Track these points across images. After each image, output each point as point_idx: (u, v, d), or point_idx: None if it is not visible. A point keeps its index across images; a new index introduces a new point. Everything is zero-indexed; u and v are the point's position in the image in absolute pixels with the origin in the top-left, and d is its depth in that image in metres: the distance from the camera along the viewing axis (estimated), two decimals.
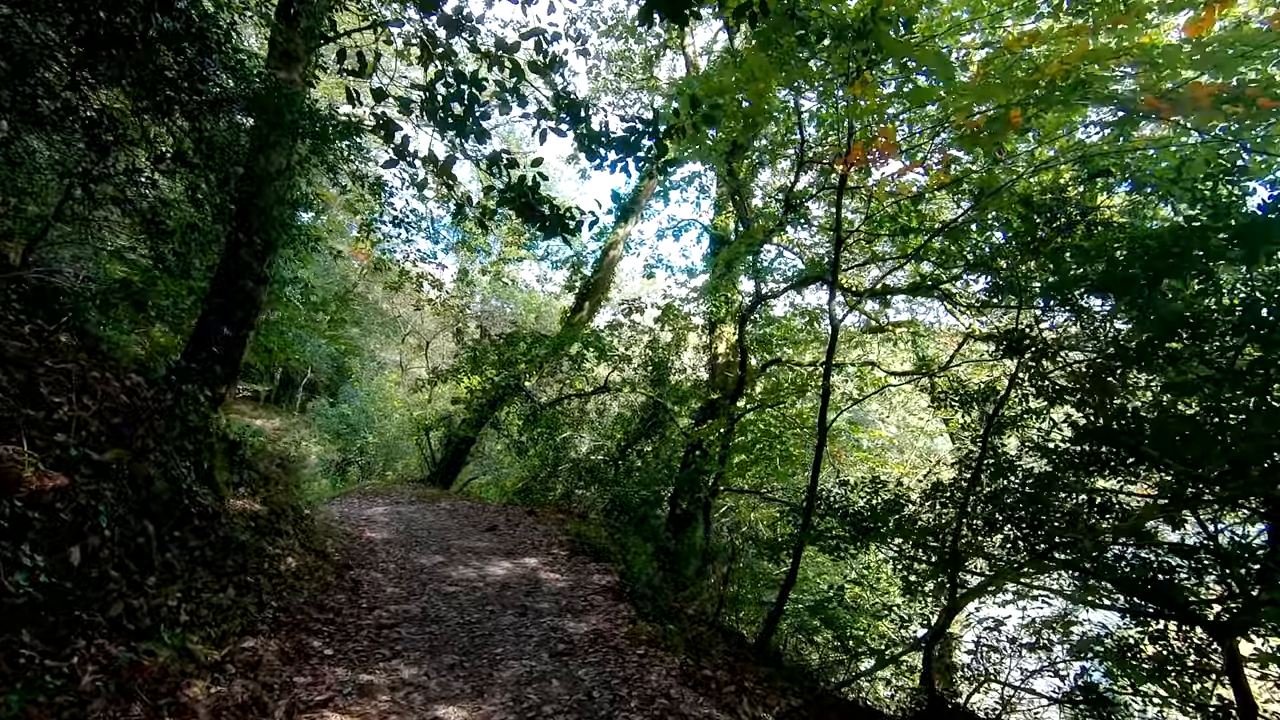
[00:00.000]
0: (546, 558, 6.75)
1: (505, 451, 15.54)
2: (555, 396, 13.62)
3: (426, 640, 4.25)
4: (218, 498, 4.70)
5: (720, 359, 12.62)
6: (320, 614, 4.49)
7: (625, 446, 13.42)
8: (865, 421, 14.92)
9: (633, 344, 12.94)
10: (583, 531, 8.05)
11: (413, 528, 8.64)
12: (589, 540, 7.64)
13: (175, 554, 3.41)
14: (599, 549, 7.23)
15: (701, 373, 14.83)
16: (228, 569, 3.86)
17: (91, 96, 5.49)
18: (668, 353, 13.64)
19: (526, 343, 11.22)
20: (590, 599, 5.11)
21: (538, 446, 12.78)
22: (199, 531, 3.79)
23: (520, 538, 7.86)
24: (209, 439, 4.79)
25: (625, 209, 13.94)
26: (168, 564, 3.32)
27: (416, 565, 6.44)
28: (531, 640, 4.20)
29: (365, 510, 10.24)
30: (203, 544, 3.76)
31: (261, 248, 6.71)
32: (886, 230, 7.53)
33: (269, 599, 4.13)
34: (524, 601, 5.11)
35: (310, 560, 5.53)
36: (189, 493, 3.74)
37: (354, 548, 7.13)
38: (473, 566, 6.36)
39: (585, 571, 6.15)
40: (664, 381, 13.68)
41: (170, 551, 3.38)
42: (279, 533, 5.56)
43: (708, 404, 12.44)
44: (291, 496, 6.68)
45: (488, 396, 12.52)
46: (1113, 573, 4.81)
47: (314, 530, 6.44)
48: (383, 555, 6.90)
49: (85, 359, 4.15)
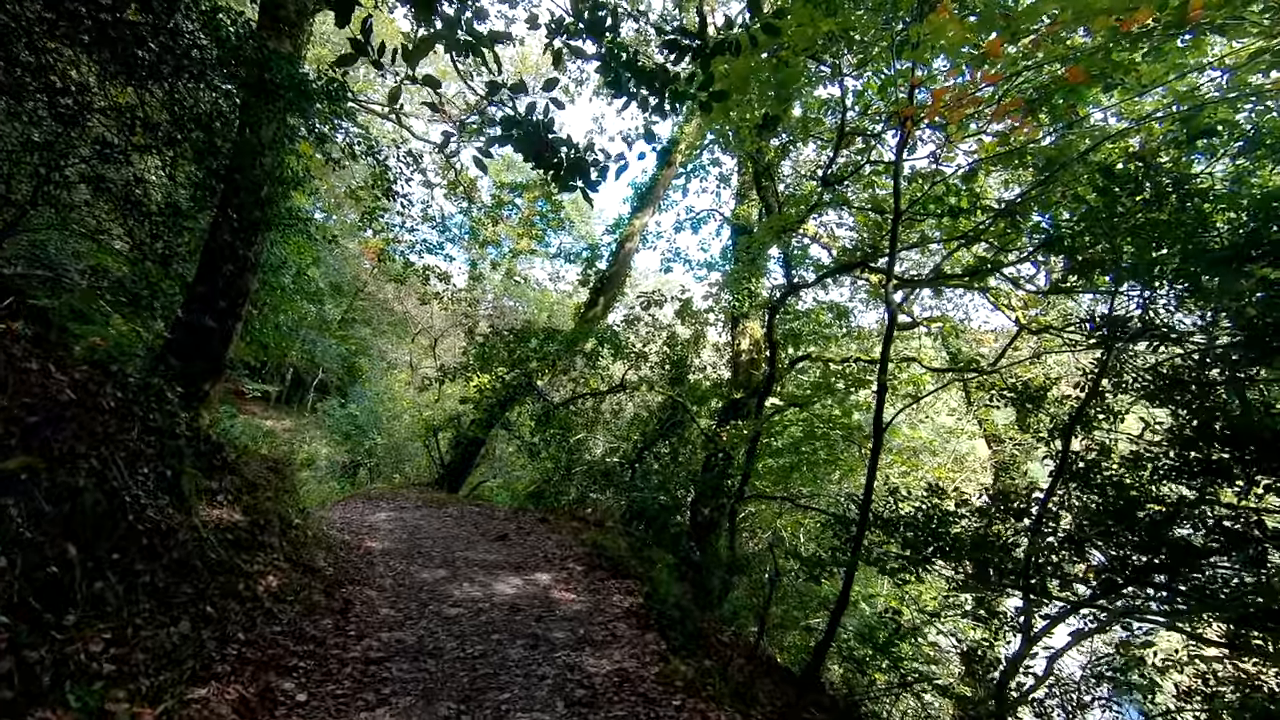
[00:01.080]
0: (561, 573, 6.08)
1: (517, 454, 14.94)
2: (569, 396, 12.97)
3: (420, 681, 3.59)
4: (183, 509, 4.08)
5: (743, 356, 11.89)
6: (299, 645, 3.86)
7: (642, 449, 12.74)
8: (893, 423, 14.09)
9: (650, 340, 12.26)
10: (600, 541, 7.38)
11: (417, 536, 8.03)
12: (607, 551, 6.96)
13: (110, 583, 2.78)
14: (618, 562, 6.55)
15: (723, 371, 14.11)
16: (181, 597, 3.23)
17: (55, 61, 4.93)
18: (687, 350, 12.95)
19: (538, 339, 10.59)
20: (612, 626, 4.43)
21: (550, 448, 12.12)
22: (147, 552, 3.17)
23: (532, 548, 7.20)
24: (176, 441, 4.18)
25: (642, 198, 13.27)
26: (97, 597, 2.69)
27: (417, 581, 5.80)
28: (544, 683, 3.53)
29: (368, 516, 9.65)
30: (151, 567, 3.14)
31: (249, 231, 6.12)
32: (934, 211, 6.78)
33: (236, 630, 3.49)
34: (535, 629, 4.44)
35: (296, 578, 4.90)
36: (134, 506, 3.11)
37: (350, 560, 6.51)
38: (479, 583, 5.70)
39: (605, 590, 5.47)
40: (683, 380, 12.98)
41: (103, 580, 2.75)
42: (261, 546, 4.94)
43: (730, 403, 11.73)
44: (281, 504, 6.07)
45: (498, 396, 11.91)
46: (1230, 600, 4.04)
47: (305, 541, 5.82)
48: (381, 568, 6.27)
49: (25, 349, 3.55)
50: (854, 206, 6.95)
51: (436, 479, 12.99)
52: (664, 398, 12.74)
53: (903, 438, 11.14)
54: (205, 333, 5.89)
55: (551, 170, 2.47)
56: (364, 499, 11.51)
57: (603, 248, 13.33)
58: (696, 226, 14.70)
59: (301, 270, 7.82)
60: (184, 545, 3.51)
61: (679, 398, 11.92)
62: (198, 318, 5.86)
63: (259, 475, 6.34)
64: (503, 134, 2.36)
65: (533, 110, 2.29)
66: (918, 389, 10.64)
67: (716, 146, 13.23)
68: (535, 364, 11.84)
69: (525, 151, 2.31)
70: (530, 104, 2.29)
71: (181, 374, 5.79)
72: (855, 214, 8.96)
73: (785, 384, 9.91)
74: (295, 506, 6.74)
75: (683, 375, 13.05)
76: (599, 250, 13.37)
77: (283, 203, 6.37)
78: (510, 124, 2.37)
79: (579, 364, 12.22)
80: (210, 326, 5.89)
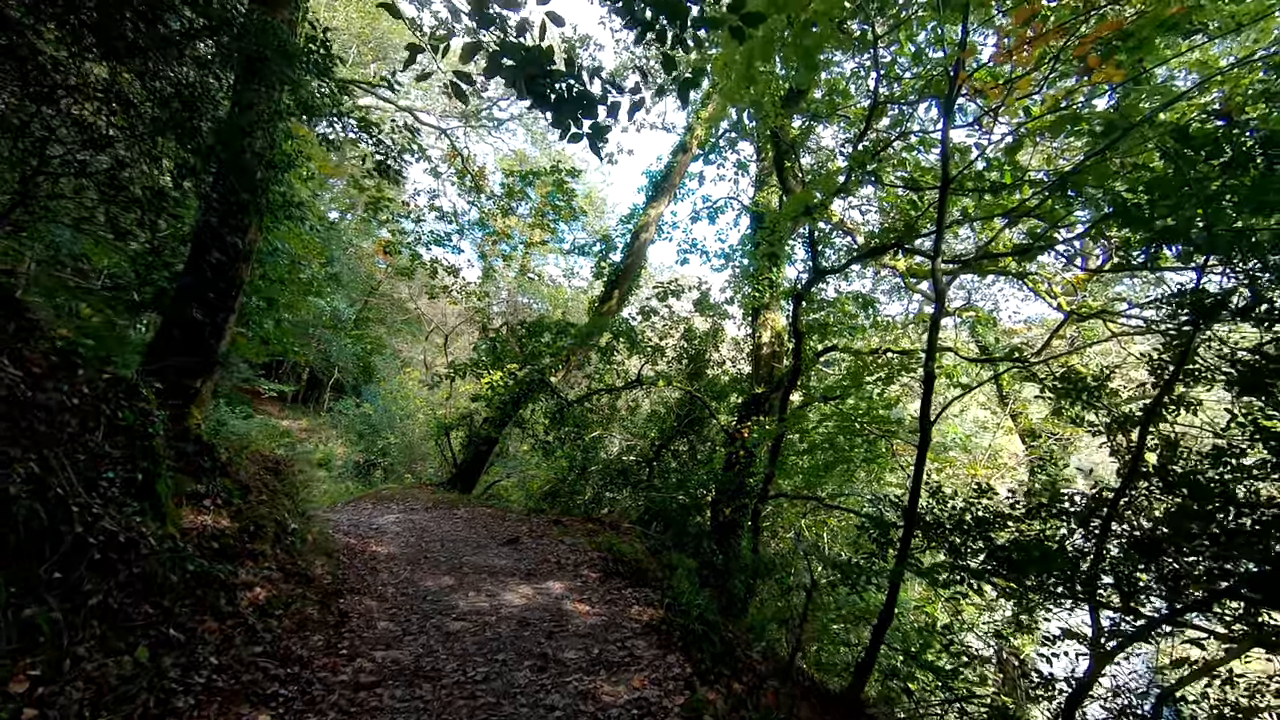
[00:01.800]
0: (575, 581, 5.65)
1: (531, 452, 14.58)
2: (583, 393, 12.55)
3: (413, 711, 3.17)
4: (157, 516, 3.71)
5: (765, 349, 11.37)
6: (282, 668, 3.46)
7: (660, 446, 12.29)
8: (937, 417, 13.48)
9: (667, 334, 11.79)
10: (616, 546, 6.94)
11: (424, 539, 7.66)
12: (624, 557, 6.52)
13: (46, 608, 2.39)
14: (636, 568, 6.11)
15: (742, 365, 13.60)
16: (140, 619, 2.84)
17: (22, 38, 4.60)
18: (705, 343, 12.46)
19: (551, 332, 10.16)
20: (631, 645, 3.98)
21: (565, 447, 11.72)
22: (100, 569, 2.78)
23: (544, 553, 6.79)
24: (149, 441, 3.81)
25: (657, 187, 12.79)
26: (29, 625, 2.30)
27: (420, 590, 5.41)
28: (553, 715, 3.09)
29: (376, 518, 9.32)
30: (104, 586, 2.75)
31: (240, 217, 5.76)
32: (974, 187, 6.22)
33: (207, 653, 3.10)
34: (545, 647, 4.00)
35: (287, 589, 4.53)
36: (84, 516, 2.72)
37: (353, 566, 6.14)
38: (486, 592, 5.29)
39: (622, 601, 5.03)
40: (701, 375, 12.51)
41: (37, 605, 2.36)
42: (250, 555, 4.58)
43: (751, 399, 11.22)
44: (278, 507, 5.71)
45: (510, 393, 11.52)
46: None
47: (301, 549, 5.46)
48: (384, 575, 5.89)
49: None
50: (886, 183, 6.41)
51: (449, 479, 12.65)
52: (682, 393, 12.28)
53: (936, 433, 10.56)
54: (195, 326, 5.54)
55: (550, 108, 2.02)
56: (374, 499, 11.21)
57: (617, 239, 12.87)
58: (714, 216, 14.20)
59: (297, 260, 7.47)
60: (149, 559, 3.12)
61: (697, 393, 11.44)
62: (187, 310, 5.51)
63: (255, 477, 5.99)
64: (490, 63, 1.91)
65: (525, 30, 1.84)
66: (951, 381, 10.06)
67: (735, 128, 12.71)
68: (548, 360, 11.43)
69: (516, 81, 1.87)
70: (521, 21, 1.84)
71: (168, 369, 5.45)
72: (886, 194, 8.41)
73: (810, 378, 9.38)
74: (295, 510, 6.39)
75: (701, 370, 12.57)
76: (613, 242, 12.91)
77: (275, 187, 6.00)
78: (502, 52, 1.92)
79: (594, 359, 11.79)
80: (200, 320, 5.54)
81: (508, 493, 14.43)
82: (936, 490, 5.41)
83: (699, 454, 12.31)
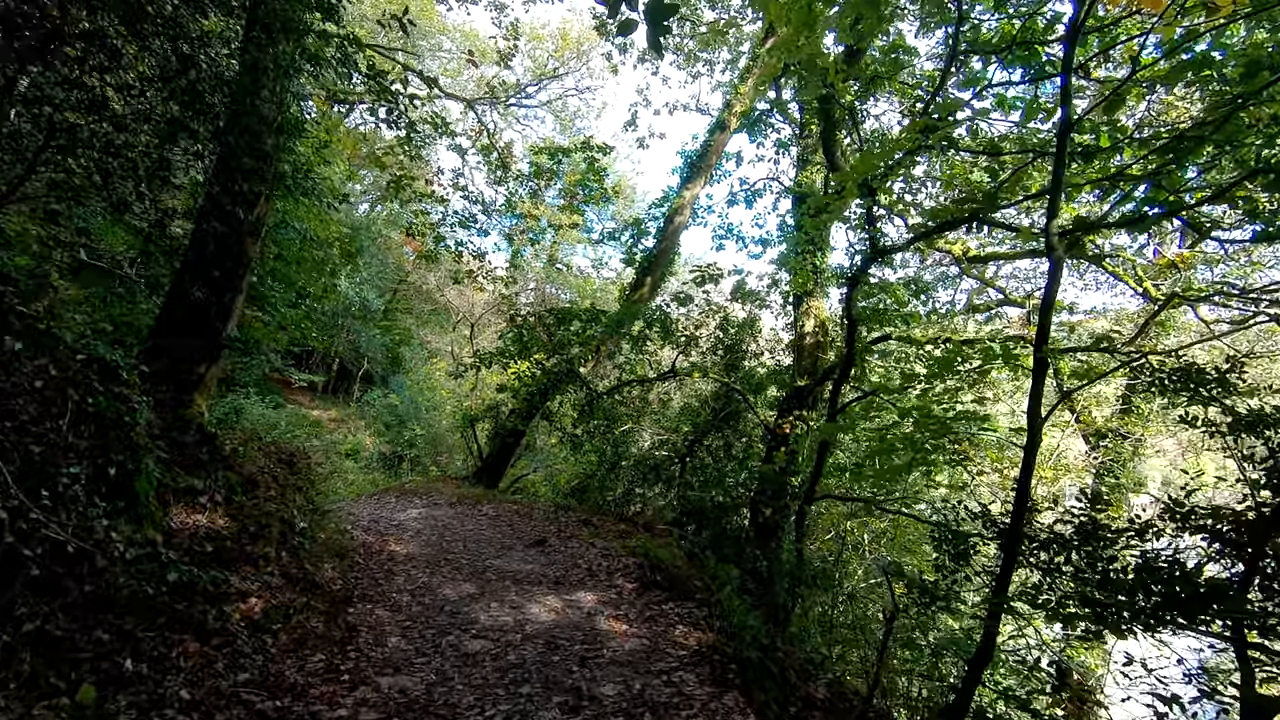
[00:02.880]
0: (609, 592, 5.06)
1: (559, 446, 14.08)
2: (613, 384, 11.96)
3: None
4: (133, 519, 3.22)
5: (808, 338, 10.61)
6: (271, 700, 2.94)
7: (693, 442, 11.65)
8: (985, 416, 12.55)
9: (703, 323, 11.11)
10: (652, 550, 6.34)
11: (446, 538, 7.17)
12: (661, 563, 5.91)
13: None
14: (676, 577, 5.49)
15: (781, 357, 12.85)
16: (89, 649, 2.32)
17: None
18: (742, 333, 11.74)
19: (581, 320, 9.58)
20: (679, 678, 3.37)
21: (594, 441, 11.15)
22: (42, 587, 2.27)
23: (574, 557, 6.22)
24: (127, 431, 3.32)
25: (693, 167, 12.08)
26: None
27: (438, 599, 4.88)
28: None
29: (398, 513, 8.89)
30: (44, 610, 2.24)
31: (248, 187, 5.27)
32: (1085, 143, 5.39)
33: (177, 687, 2.58)
34: (578, 676, 3.41)
35: (289, 598, 4.03)
36: (15, 523, 2.21)
37: (368, 568, 5.66)
38: (510, 604, 4.73)
39: (663, 618, 4.42)
40: (738, 366, 11.80)
41: None
42: (248, 559, 4.09)
43: (793, 391, 10.48)
44: (287, 503, 5.25)
45: (538, 384, 10.99)
46: None
47: (311, 550, 4.98)
48: (401, 580, 5.39)
49: None
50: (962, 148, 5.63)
51: (474, 472, 12.22)
52: (716, 386, 11.61)
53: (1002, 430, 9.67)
54: (198, 307, 5.08)
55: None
56: (397, 493, 10.83)
57: (649, 222, 12.21)
58: (751, 200, 13.42)
59: (310, 237, 7.00)
60: (109, 572, 2.61)
61: (735, 385, 10.75)
62: (189, 289, 5.05)
63: (264, 470, 5.54)
64: None
65: None
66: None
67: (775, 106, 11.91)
68: (577, 349, 10.87)
69: None
70: None
71: (168, 353, 5.00)
72: (949, 166, 7.57)
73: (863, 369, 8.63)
74: (307, 506, 5.93)
75: (738, 361, 11.87)
76: (645, 226, 12.25)
77: (285, 156, 5.50)
78: None
79: (625, 349, 11.19)
80: (204, 299, 5.07)
81: (535, 487, 13.97)
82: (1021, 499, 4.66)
83: (734, 450, 11.64)
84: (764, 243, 13.32)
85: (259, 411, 14.73)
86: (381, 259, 25.01)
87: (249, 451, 5.79)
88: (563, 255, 29.51)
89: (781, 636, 5.84)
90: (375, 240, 23.97)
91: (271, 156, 5.34)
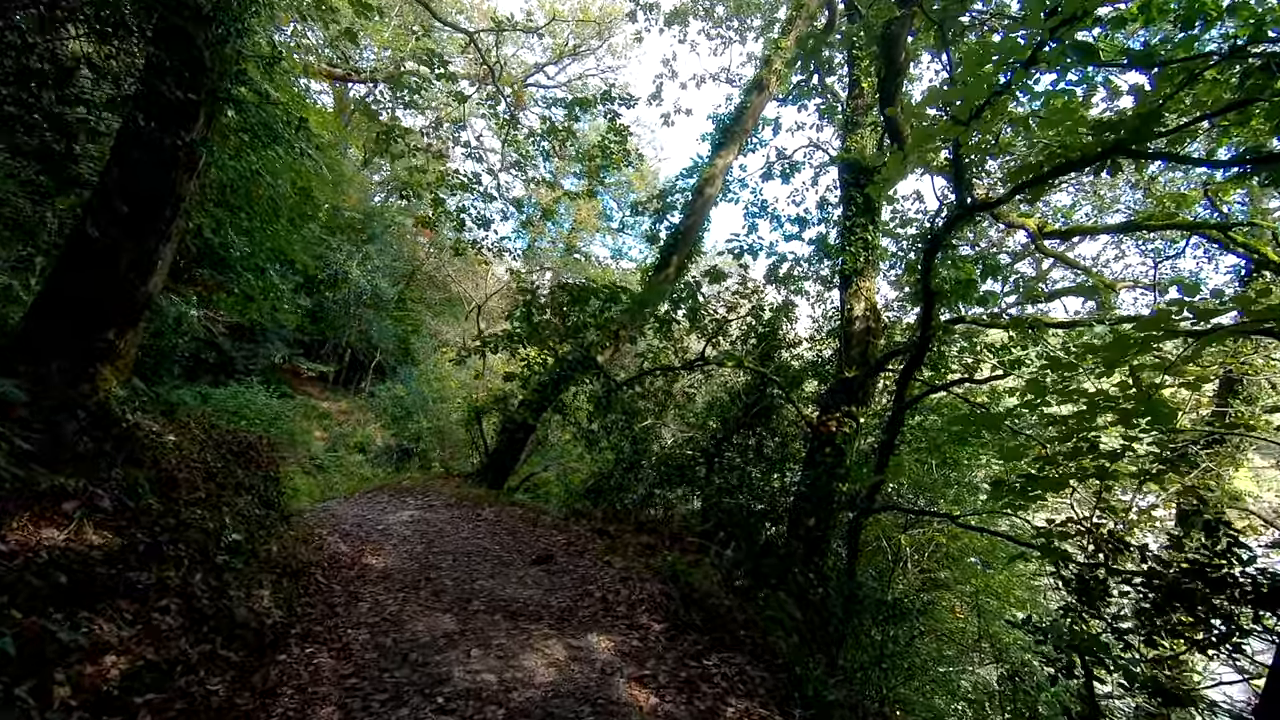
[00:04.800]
0: (630, 635, 3.82)
1: (573, 441, 12.93)
2: (633, 374, 10.72)
3: None
4: None
5: (857, 323, 9.26)
6: None
7: (721, 439, 10.39)
8: None
9: (736, 304, 9.82)
10: (682, 572, 5.09)
11: (435, 549, 6.01)
12: (694, 591, 4.67)
13: None
14: (715, 614, 4.24)
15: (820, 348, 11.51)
16: None
17: None
18: (777, 320, 10.43)
19: (600, 298, 8.35)
20: None
21: (611, 437, 9.93)
22: None
23: (585, 580, 5.00)
24: None
25: (726, 132, 10.78)
26: None
27: (405, 639, 3.69)
28: None
29: (388, 515, 7.78)
30: None
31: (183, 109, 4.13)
32: None
33: None
34: None
35: (180, 648, 2.85)
36: None
37: (328, 590, 4.50)
38: (497, 651, 3.52)
39: (707, 684, 3.16)
40: (772, 356, 10.50)
41: None
42: (129, 590, 2.92)
43: (839, 383, 9.16)
44: (218, 508, 4.10)
45: (550, 373, 9.81)
46: None
47: (244, 570, 3.82)
48: (365, 608, 4.22)
49: None
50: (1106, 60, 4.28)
51: (478, 469, 11.08)
52: (750, 378, 10.33)
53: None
54: (105, 254, 3.95)
55: None
56: (392, 491, 9.73)
57: (676, 194, 10.94)
58: (788, 175, 12.08)
59: (270, 173, 5.78)
60: None
61: (774, 376, 9.45)
62: (96, 235, 3.91)
63: (195, 465, 4.39)
64: None
65: None
66: None
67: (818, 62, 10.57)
68: (594, 334, 9.64)
69: None
70: None
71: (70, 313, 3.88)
72: (1054, 109, 6.16)
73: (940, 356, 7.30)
74: (257, 510, 4.80)
75: (772, 350, 10.57)
76: (671, 199, 10.98)
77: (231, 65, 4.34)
78: None
79: (648, 335, 9.95)
80: (111, 244, 3.93)
81: (546, 485, 12.81)
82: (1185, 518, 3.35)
83: (766, 450, 10.36)
84: (801, 222, 11.97)
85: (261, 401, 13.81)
86: (396, 247, 24.18)
87: (185, 442, 4.67)
88: (581, 245, 28.41)
89: (826, 650, 4.56)
90: (388, 228, 23.12)
91: (209, 65, 4.18)
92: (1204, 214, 7.80)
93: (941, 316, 6.75)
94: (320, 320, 21.30)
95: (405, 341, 23.67)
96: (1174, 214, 7.91)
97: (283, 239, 6.31)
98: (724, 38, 15.00)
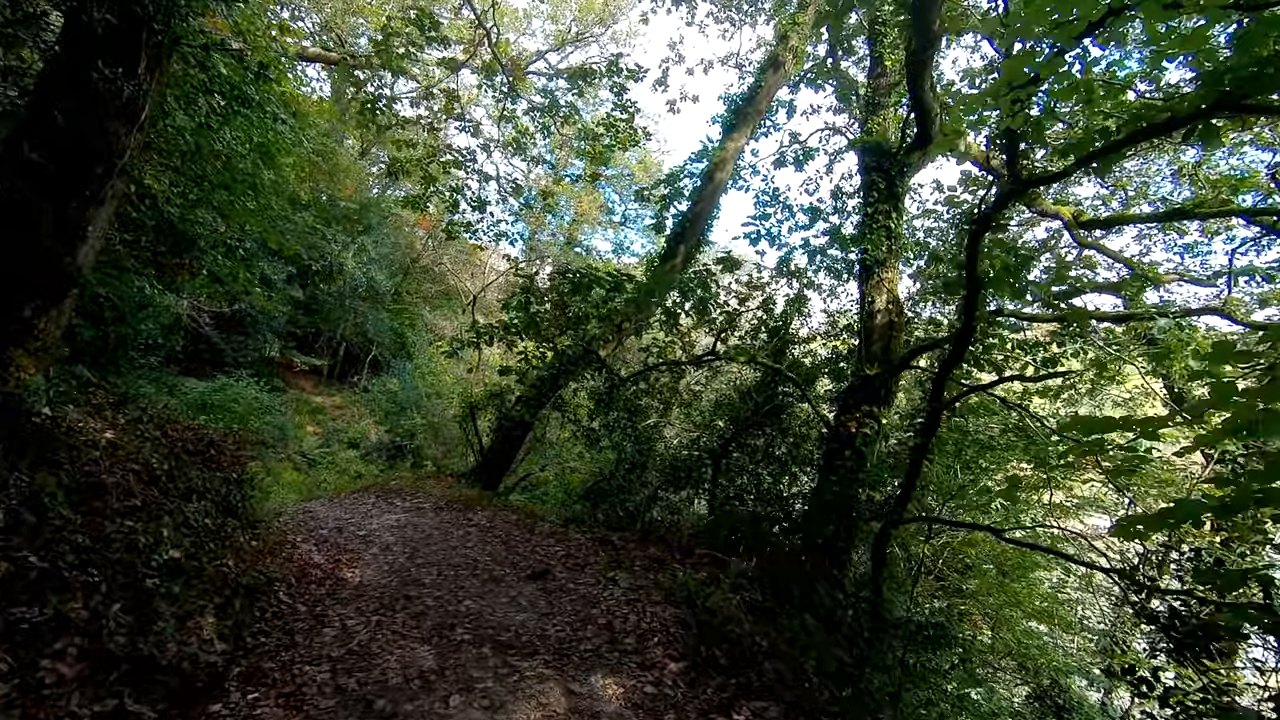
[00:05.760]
0: (642, 677, 3.19)
1: (573, 440, 12.31)
2: (636, 369, 10.09)
3: None
4: None
5: (879, 317, 8.62)
6: None
7: (729, 440, 9.78)
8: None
9: (749, 295, 9.19)
10: (697, 593, 4.47)
11: (418, 560, 5.38)
12: (714, 618, 4.04)
13: None
14: (739, 647, 3.61)
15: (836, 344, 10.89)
16: None
17: None
18: (790, 313, 9.81)
19: (604, 287, 7.71)
20: None
21: (613, 436, 9.30)
22: None
23: (587, 602, 4.37)
24: None
25: (738, 114, 10.14)
26: None
27: (372, 680, 3.07)
28: None
29: (371, 519, 7.15)
30: None
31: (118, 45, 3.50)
32: None
33: None
34: None
35: (66, 710, 2.22)
36: None
37: (291, 612, 3.87)
38: (482, 700, 2.89)
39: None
40: (784, 351, 9.88)
41: None
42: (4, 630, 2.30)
43: (859, 381, 8.53)
44: (157, 517, 3.46)
45: (548, 368, 9.18)
46: None
47: (180, 594, 3.18)
48: (330, 635, 3.59)
49: None
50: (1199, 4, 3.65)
51: (472, 469, 10.45)
52: (761, 375, 9.72)
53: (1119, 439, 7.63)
54: (18, 216, 3.30)
55: None
56: (379, 492, 9.09)
57: (684, 179, 10.30)
58: (802, 162, 11.44)
59: (271, 149, 5.07)
60: None
61: (788, 373, 8.83)
62: (12, 187, 3.27)
63: (131, 467, 3.76)
64: None
65: None
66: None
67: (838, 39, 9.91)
68: (597, 326, 9.02)
69: None
70: None
71: None
72: (1112, 79, 5.52)
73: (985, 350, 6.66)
74: (211, 519, 4.17)
75: (785, 345, 9.94)
76: (679, 184, 10.34)
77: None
78: None
79: (653, 329, 9.32)
80: (28, 204, 3.29)
81: (544, 486, 12.18)
82: None
83: (776, 451, 9.74)
84: (813, 212, 11.33)
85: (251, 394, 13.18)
86: (393, 239, 23.56)
87: (126, 440, 4.04)
88: (582, 238, 27.77)
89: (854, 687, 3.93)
90: (385, 219, 22.52)
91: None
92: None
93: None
94: (314, 313, 20.69)
95: (401, 335, 23.09)
96: (1228, 200, 7.30)
97: (253, 215, 5.66)
98: (734, 20, 14.34)
